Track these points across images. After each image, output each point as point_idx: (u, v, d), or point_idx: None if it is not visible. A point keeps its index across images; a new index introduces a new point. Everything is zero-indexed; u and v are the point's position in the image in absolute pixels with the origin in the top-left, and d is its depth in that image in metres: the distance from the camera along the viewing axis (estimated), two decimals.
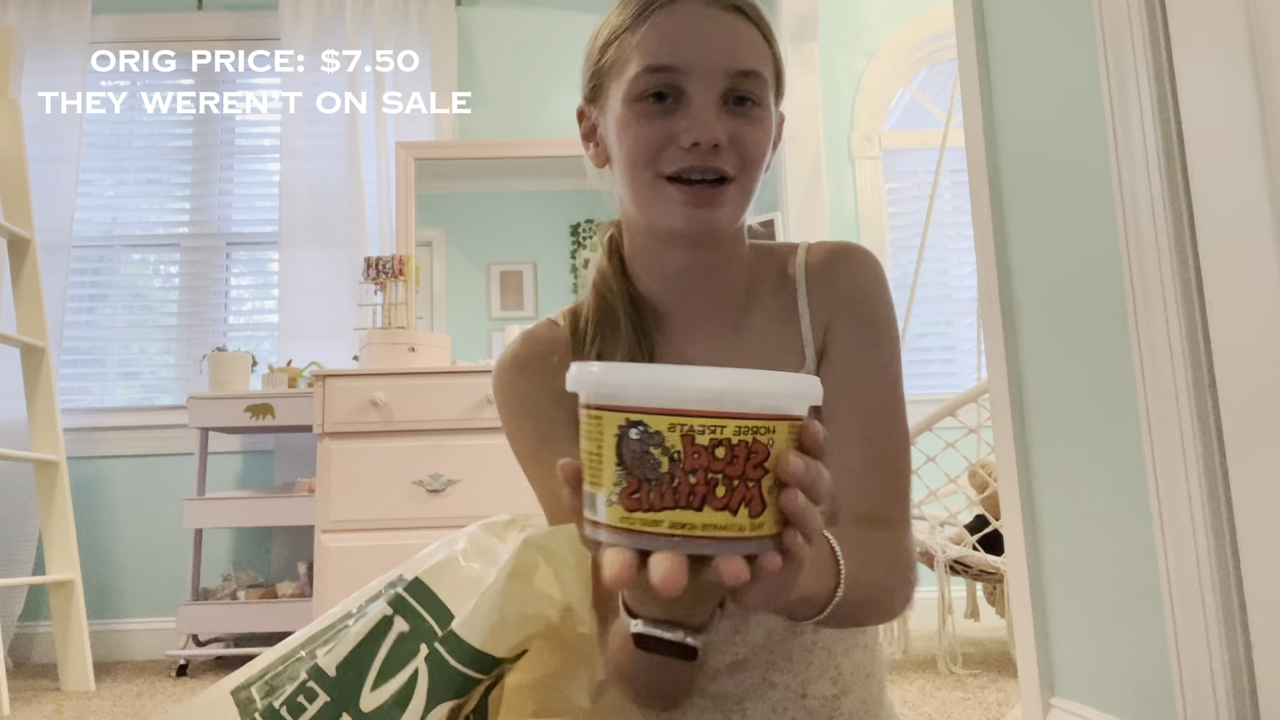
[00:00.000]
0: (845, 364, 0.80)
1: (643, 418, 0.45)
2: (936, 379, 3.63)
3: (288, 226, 3.44)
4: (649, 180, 0.77)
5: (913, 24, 3.70)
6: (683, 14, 0.76)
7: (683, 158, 0.75)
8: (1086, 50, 1.37)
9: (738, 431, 0.45)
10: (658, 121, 0.76)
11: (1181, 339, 1.15)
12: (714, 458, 0.45)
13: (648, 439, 0.45)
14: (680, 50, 0.75)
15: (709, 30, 0.76)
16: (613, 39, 0.80)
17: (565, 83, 3.71)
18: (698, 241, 0.80)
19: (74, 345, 3.50)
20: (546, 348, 0.84)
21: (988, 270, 1.67)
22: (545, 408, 0.82)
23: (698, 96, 0.75)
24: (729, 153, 0.75)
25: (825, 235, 3.48)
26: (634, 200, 0.79)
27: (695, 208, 0.76)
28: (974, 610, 2.72)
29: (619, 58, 0.79)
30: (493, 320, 3.53)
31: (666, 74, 0.75)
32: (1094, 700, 1.41)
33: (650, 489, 0.45)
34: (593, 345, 0.83)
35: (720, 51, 0.75)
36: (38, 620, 3.19)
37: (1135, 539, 1.28)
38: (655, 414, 0.45)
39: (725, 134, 0.75)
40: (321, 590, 2.68)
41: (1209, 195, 1.14)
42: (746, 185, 0.78)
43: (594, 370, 0.47)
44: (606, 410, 0.46)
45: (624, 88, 0.77)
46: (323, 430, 2.76)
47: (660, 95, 0.76)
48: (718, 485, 0.45)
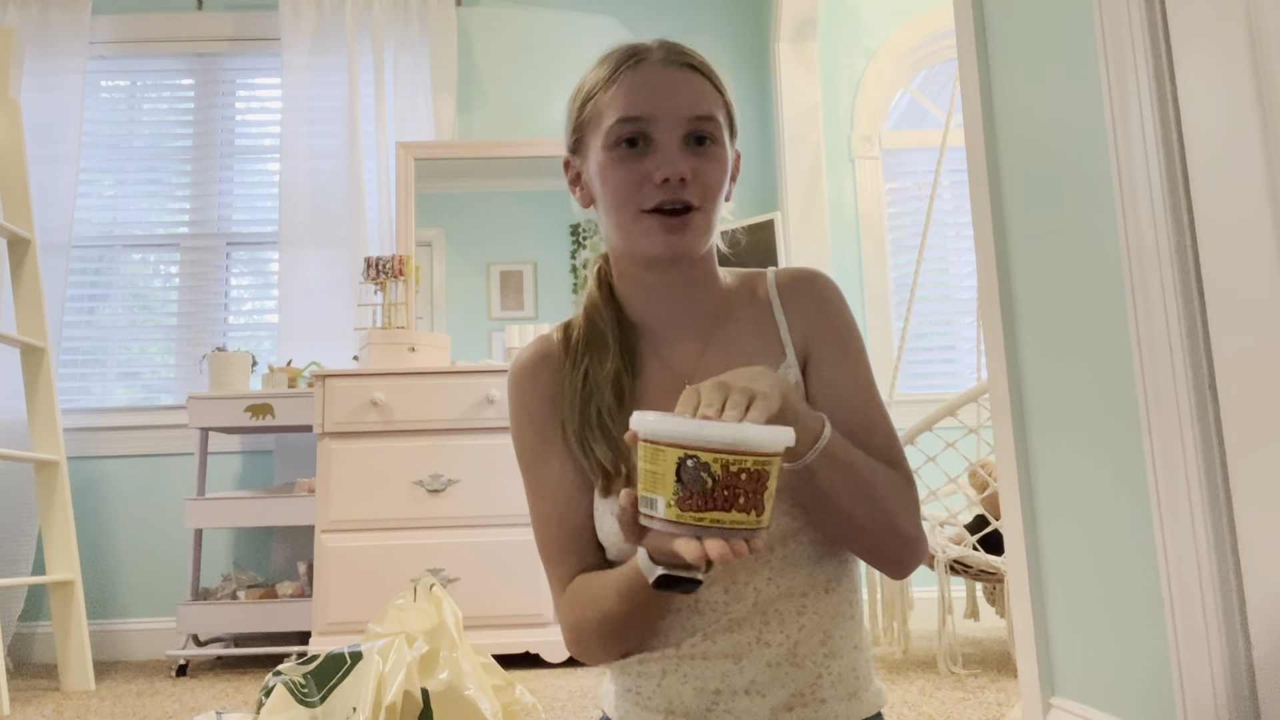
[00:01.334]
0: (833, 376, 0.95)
1: (697, 453, 0.69)
2: (936, 379, 3.63)
3: (288, 226, 3.44)
4: (631, 215, 0.92)
5: (913, 24, 3.70)
6: (647, 72, 0.93)
7: (656, 194, 0.90)
8: (1086, 50, 1.37)
9: (754, 464, 0.70)
10: (632, 164, 0.91)
11: (1181, 339, 1.15)
12: (739, 480, 0.70)
13: (699, 467, 0.69)
14: (647, 102, 0.91)
15: (669, 85, 0.92)
16: (589, 97, 0.96)
17: (565, 83, 3.69)
18: (673, 262, 0.94)
19: (74, 345, 3.50)
20: (545, 359, 0.99)
21: (988, 270, 1.67)
22: (544, 412, 0.97)
23: (663, 140, 0.91)
24: (693, 185, 0.91)
25: (825, 235, 3.48)
26: (618, 232, 0.94)
27: (668, 234, 0.91)
28: (974, 610, 2.72)
29: (596, 113, 0.95)
30: (493, 320, 3.53)
31: (636, 123, 0.91)
32: (1094, 700, 1.41)
33: (698, 498, 0.70)
34: (581, 362, 0.96)
35: (680, 102, 0.91)
36: (38, 620, 3.19)
37: (1135, 539, 1.28)
38: (706, 451, 0.69)
39: (689, 169, 0.90)
40: (321, 590, 2.68)
41: (1209, 195, 1.14)
42: (709, 212, 0.93)
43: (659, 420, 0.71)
44: (669, 446, 0.70)
45: (601, 137, 0.93)
46: (323, 430, 2.76)
47: (632, 141, 0.91)
48: (740, 496, 0.70)
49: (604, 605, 0.88)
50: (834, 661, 0.89)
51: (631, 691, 0.92)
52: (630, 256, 0.96)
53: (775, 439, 0.71)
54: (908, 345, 3.29)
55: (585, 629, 0.91)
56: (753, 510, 0.70)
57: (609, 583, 0.88)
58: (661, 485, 0.71)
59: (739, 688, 0.87)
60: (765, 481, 0.70)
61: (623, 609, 0.87)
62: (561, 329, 1.01)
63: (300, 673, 1.44)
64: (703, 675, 0.88)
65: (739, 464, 0.69)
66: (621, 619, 0.88)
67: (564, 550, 0.94)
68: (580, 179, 1.00)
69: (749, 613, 0.88)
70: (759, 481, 0.70)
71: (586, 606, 0.90)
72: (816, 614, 0.90)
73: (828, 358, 0.96)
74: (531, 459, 0.97)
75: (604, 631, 0.90)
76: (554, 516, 0.95)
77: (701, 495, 0.69)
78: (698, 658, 0.88)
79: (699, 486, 0.69)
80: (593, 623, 0.90)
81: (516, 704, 1.60)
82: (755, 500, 0.70)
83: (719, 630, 0.88)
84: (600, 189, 0.95)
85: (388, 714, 1.38)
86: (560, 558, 0.94)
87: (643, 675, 0.91)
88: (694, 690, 0.88)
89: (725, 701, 0.87)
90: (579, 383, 0.95)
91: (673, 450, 0.70)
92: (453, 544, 2.72)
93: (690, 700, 0.88)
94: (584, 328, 0.99)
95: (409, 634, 1.51)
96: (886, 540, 0.90)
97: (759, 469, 0.70)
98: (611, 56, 0.96)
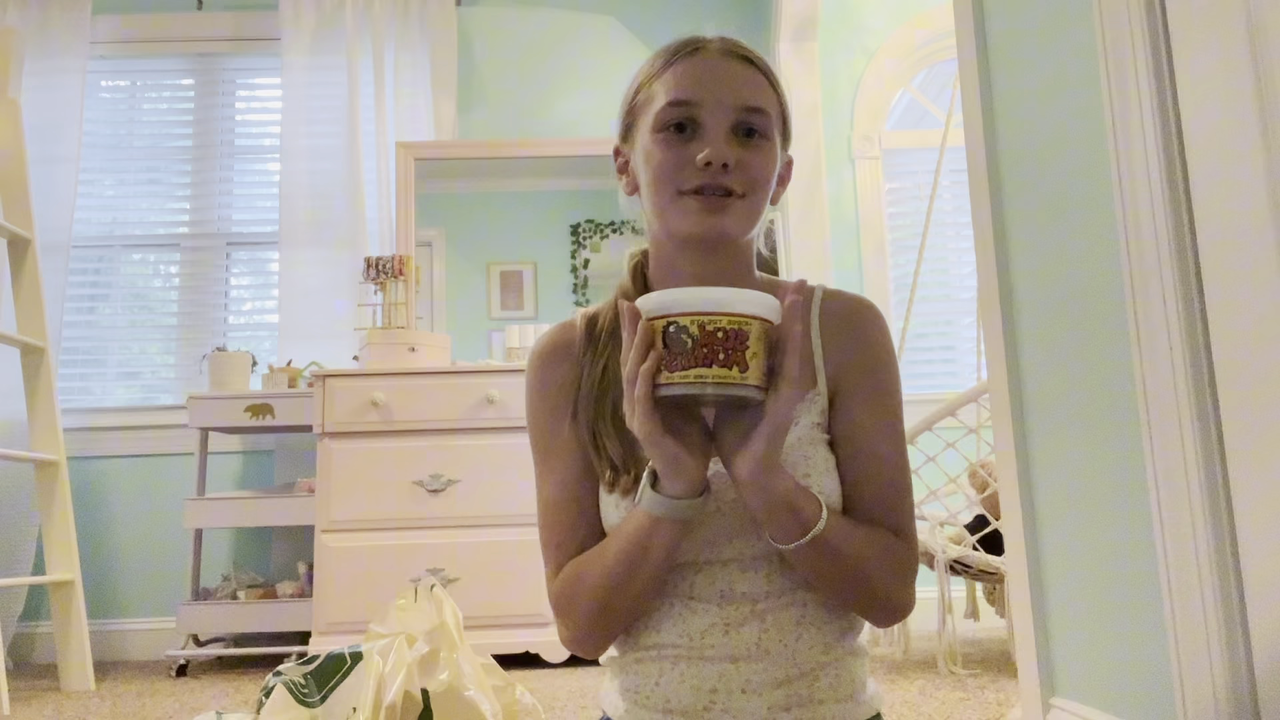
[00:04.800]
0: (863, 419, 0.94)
1: (677, 318, 0.76)
2: (936, 379, 3.63)
3: (288, 226, 3.44)
4: (670, 195, 0.91)
5: (913, 24, 3.70)
6: (701, 60, 0.93)
7: (698, 176, 0.89)
8: (1086, 50, 1.37)
9: (729, 322, 0.75)
10: (678, 148, 0.90)
11: (1181, 339, 1.15)
12: (716, 338, 0.75)
13: (679, 330, 0.76)
14: (698, 88, 0.91)
15: (722, 73, 0.92)
16: (644, 84, 0.96)
17: (565, 83, 3.70)
18: (709, 247, 0.93)
19: (74, 345, 3.50)
20: (566, 347, 0.99)
21: (988, 270, 1.67)
22: (559, 398, 0.97)
23: (711, 126, 0.90)
24: (736, 173, 0.89)
25: (825, 235, 3.48)
26: (656, 212, 0.93)
27: (707, 214, 0.90)
28: (974, 610, 2.72)
29: (647, 98, 0.94)
30: (493, 320, 3.53)
31: (685, 108, 0.90)
32: (1094, 700, 1.41)
33: (681, 358, 0.76)
34: (603, 354, 0.95)
35: (731, 90, 0.91)
36: (38, 620, 3.19)
37: (1135, 539, 1.28)
38: (683, 315, 0.76)
39: (733, 157, 0.89)
40: (321, 590, 2.68)
41: (1209, 195, 1.14)
42: (753, 202, 0.92)
43: (653, 298, 0.78)
44: (657, 318, 0.77)
45: (650, 120, 0.93)
46: (323, 430, 2.76)
47: (680, 126, 0.91)
48: (720, 352, 0.75)
49: (600, 568, 0.89)
50: (831, 663, 0.90)
51: (630, 690, 0.92)
52: (666, 238, 0.95)
53: (746, 300, 0.76)
54: (908, 345, 3.29)
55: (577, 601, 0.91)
56: (734, 366, 0.75)
57: (608, 544, 0.89)
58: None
59: (736, 687, 0.87)
60: (745, 340, 0.75)
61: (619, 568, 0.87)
62: (586, 319, 1.00)
63: (300, 673, 1.44)
64: (700, 675, 0.88)
65: (714, 323, 0.75)
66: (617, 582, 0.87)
67: (565, 533, 0.94)
68: (628, 166, 0.99)
69: (746, 615, 0.88)
70: (738, 340, 0.75)
71: (580, 578, 0.90)
72: (814, 616, 0.90)
73: (858, 396, 0.94)
74: (543, 442, 0.97)
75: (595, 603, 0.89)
76: (559, 500, 0.95)
77: (684, 356, 0.75)
78: (695, 658, 0.89)
79: (680, 348, 0.75)
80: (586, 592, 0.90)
81: (516, 704, 1.60)
82: (736, 357, 0.75)
83: (716, 631, 0.89)
84: (644, 170, 0.94)
85: (388, 714, 1.38)
86: (559, 540, 0.94)
87: (640, 674, 0.91)
88: (691, 689, 0.88)
89: (722, 700, 0.87)
90: (598, 375, 0.94)
91: (659, 321, 0.77)
92: (453, 544, 2.72)
93: (687, 699, 0.88)
94: (611, 318, 0.97)
95: (409, 634, 1.51)
96: (872, 611, 0.92)
97: (735, 328, 0.75)
98: (669, 46, 0.96)
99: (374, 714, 1.37)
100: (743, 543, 0.88)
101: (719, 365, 0.75)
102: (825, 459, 0.91)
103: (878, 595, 0.89)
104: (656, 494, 0.81)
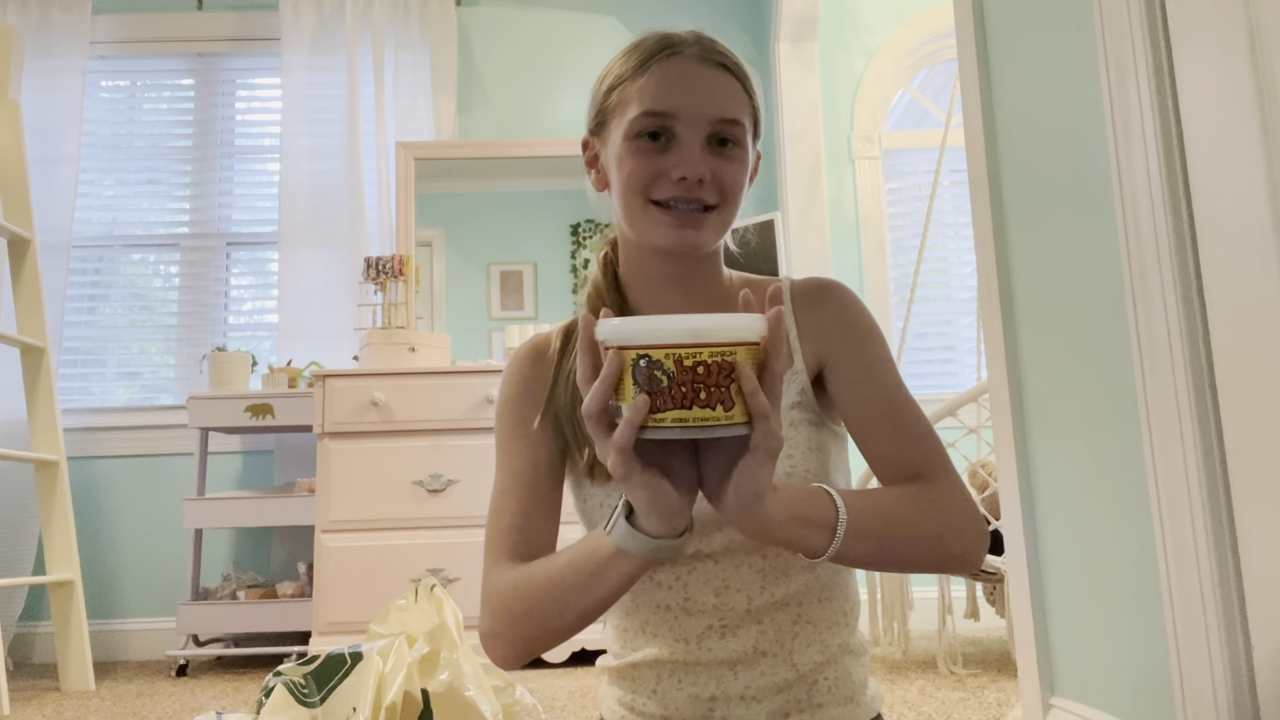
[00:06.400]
0: (855, 374, 0.92)
1: (649, 351, 0.66)
2: (936, 379, 3.63)
3: (288, 226, 3.44)
4: (640, 205, 0.91)
5: (913, 24, 3.70)
6: (677, 67, 0.91)
7: (671, 188, 0.89)
8: (1086, 50, 1.37)
9: (711, 355, 0.65)
10: (652, 157, 0.90)
11: (1181, 339, 1.15)
12: (696, 374, 0.65)
13: (652, 365, 0.65)
14: (674, 98, 0.89)
15: (698, 82, 0.91)
16: (617, 84, 0.94)
17: (565, 83, 3.70)
18: (679, 255, 0.93)
19: (74, 345, 3.50)
20: (540, 354, 0.99)
21: (988, 270, 1.67)
22: (526, 401, 0.96)
23: (686, 138, 0.89)
24: (711, 186, 0.89)
25: (825, 235, 3.48)
26: (627, 219, 0.93)
27: (680, 229, 0.90)
28: (974, 610, 2.72)
29: (621, 100, 0.93)
30: (492, 320, 3.53)
31: (661, 118, 0.89)
32: (1094, 700, 1.41)
33: (656, 398, 0.66)
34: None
35: (707, 101, 0.90)
36: (38, 620, 3.19)
37: (1135, 539, 1.28)
38: (656, 348, 0.65)
39: (708, 171, 0.89)
40: (321, 590, 2.68)
41: (1209, 195, 1.14)
42: (725, 213, 0.92)
43: (614, 323, 0.68)
44: (624, 349, 0.67)
45: (624, 126, 0.91)
46: (323, 430, 2.76)
47: (655, 135, 0.90)
48: (700, 391, 0.65)
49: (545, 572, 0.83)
50: (830, 666, 0.89)
51: (627, 697, 0.92)
52: (637, 244, 0.95)
53: (732, 326, 0.66)
54: (908, 345, 3.29)
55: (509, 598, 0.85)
56: (719, 405, 0.65)
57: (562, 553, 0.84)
58: (623, 391, 0.67)
59: (734, 694, 0.86)
60: (730, 373, 0.66)
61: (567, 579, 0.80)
62: (562, 333, 0.99)
63: (300, 673, 1.45)
64: (698, 682, 0.87)
65: (694, 357, 0.65)
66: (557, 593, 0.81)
67: (510, 528, 0.91)
68: (598, 161, 0.99)
69: (742, 620, 0.87)
70: (721, 374, 0.65)
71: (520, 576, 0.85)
72: (811, 620, 0.89)
73: (847, 358, 0.92)
74: (504, 438, 0.95)
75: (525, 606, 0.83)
76: (509, 488, 0.92)
77: (660, 395, 0.65)
78: (692, 664, 0.88)
79: (654, 386, 0.65)
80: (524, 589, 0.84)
81: (517, 705, 1.60)
82: (720, 394, 0.65)
83: (713, 637, 0.87)
84: (615, 174, 0.93)
85: (388, 714, 1.38)
86: (506, 523, 0.91)
87: (638, 680, 0.91)
88: (689, 697, 0.87)
89: (721, 708, 0.87)
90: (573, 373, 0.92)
91: (628, 353, 0.66)
92: (453, 544, 2.72)
93: (686, 707, 0.87)
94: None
95: (410, 635, 1.51)
96: (937, 564, 0.87)
97: (719, 360, 0.65)
98: (644, 44, 0.94)
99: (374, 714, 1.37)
100: (734, 530, 0.82)
101: (699, 406, 0.65)
102: (807, 438, 0.90)
103: (935, 550, 0.84)
104: (632, 528, 0.73)
